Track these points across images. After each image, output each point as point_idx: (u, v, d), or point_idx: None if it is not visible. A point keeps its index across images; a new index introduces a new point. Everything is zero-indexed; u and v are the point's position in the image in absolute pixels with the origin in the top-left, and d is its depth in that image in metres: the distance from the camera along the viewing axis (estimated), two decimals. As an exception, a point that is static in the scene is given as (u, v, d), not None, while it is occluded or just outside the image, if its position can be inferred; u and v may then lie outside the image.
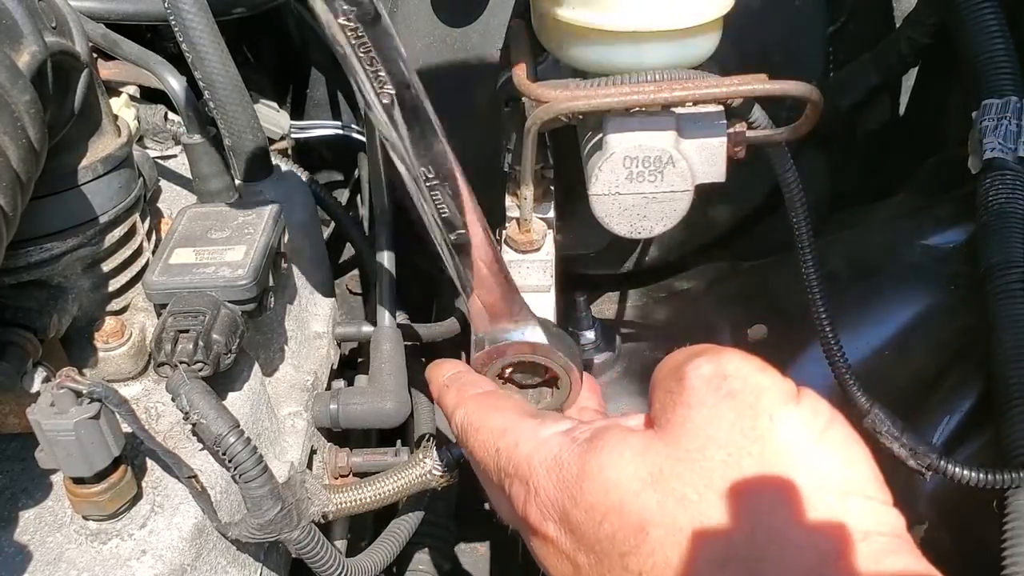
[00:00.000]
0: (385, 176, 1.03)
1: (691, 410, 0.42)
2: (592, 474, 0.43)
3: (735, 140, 0.73)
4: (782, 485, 0.39)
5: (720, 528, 0.39)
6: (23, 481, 0.64)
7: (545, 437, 0.46)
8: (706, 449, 0.41)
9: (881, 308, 0.97)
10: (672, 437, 0.42)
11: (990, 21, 0.89)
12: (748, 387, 0.42)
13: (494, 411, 0.51)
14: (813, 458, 0.40)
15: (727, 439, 0.40)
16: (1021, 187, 0.85)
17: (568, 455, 0.45)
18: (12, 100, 0.52)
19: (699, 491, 0.40)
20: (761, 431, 0.40)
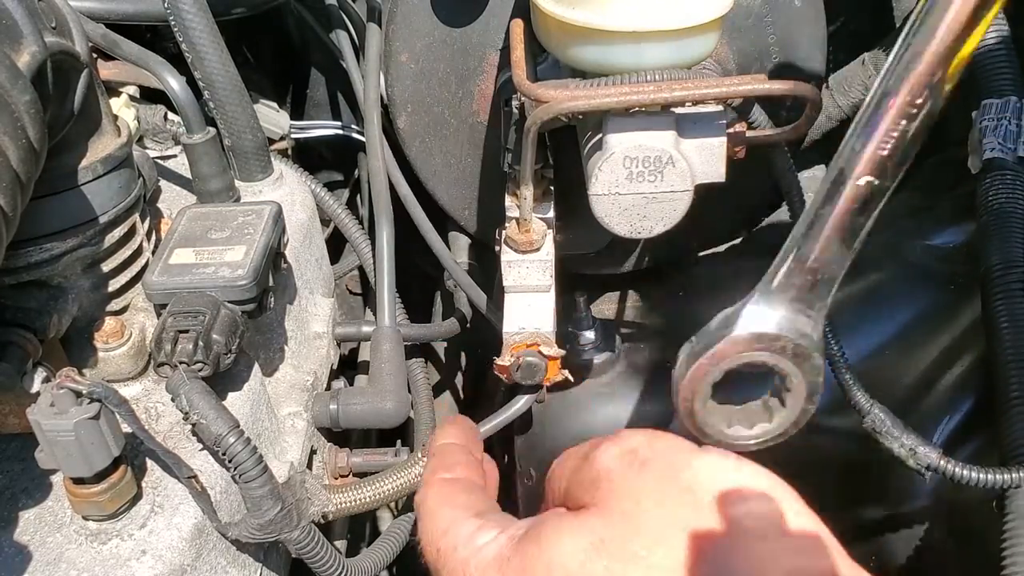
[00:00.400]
0: (385, 176, 1.03)
1: (614, 484, 0.43)
2: (533, 559, 0.42)
3: (735, 140, 0.73)
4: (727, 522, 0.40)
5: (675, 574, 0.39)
6: (23, 481, 0.64)
7: (482, 544, 0.46)
8: (641, 508, 0.41)
9: (881, 307, 0.97)
10: (605, 509, 0.43)
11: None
12: (657, 454, 0.43)
13: (445, 506, 0.51)
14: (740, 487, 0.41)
15: (659, 497, 0.41)
16: (1021, 187, 0.85)
17: (507, 551, 0.44)
18: (12, 100, 0.52)
19: (646, 546, 0.40)
20: (687, 482, 0.41)
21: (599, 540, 0.41)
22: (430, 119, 0.99)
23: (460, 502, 0.50)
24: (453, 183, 1.04)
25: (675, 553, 0.39)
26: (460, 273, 1.04)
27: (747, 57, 0.93)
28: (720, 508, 0.40)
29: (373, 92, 1.03)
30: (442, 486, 0.52)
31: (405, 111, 0.99)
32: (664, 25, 0.67)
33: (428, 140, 1.02)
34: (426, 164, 1.03)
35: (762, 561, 0.38)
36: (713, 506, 0.40)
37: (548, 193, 0.83)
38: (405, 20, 0.95)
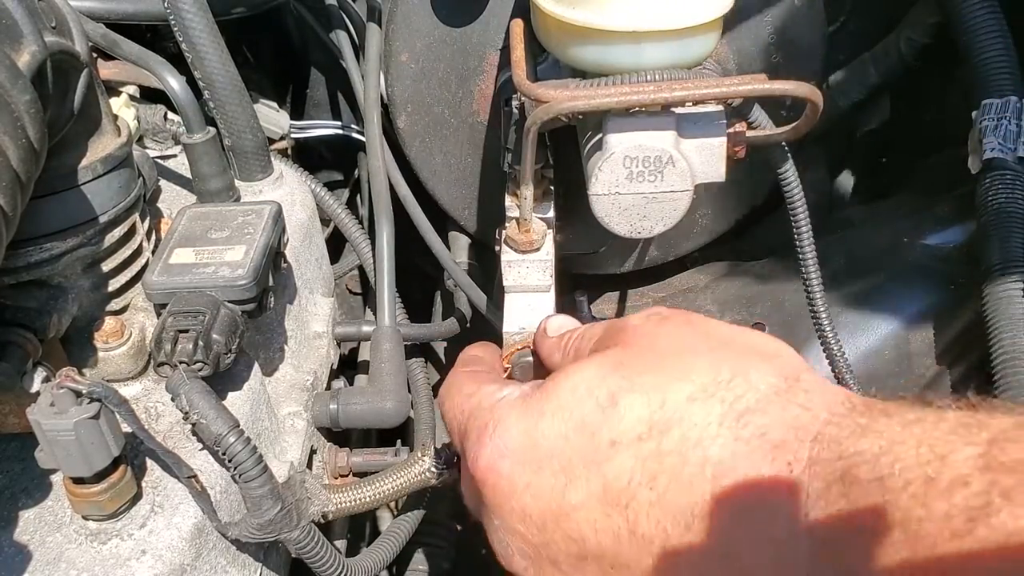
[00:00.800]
0: (385, 176, 1.03)
1: (638, 330, 0.49)
2: (555, 384, 0.47)
3: (735, 140, 0.73)
4: (730, 346, 0.46)
5: (686, 375, 0.44)
6: (23, 481, 0.64)
7: (506, 393, 0.51)
8: (654, 342, 0.47)
9: (881, 308, 0.97)
10: (624, 345, 0.48)
11: (989, 21, 0.89)
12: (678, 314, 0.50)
13: (470, 380, 0.55)
14: (743, 332, 0.48)
15: (676, 336, 0.47)
16: (1021, 187, 0.85)
17: (529, 392, 0.49)
18: (12, 100, 0.52)
19: (656, 363, 0.45)
20: (695, 325, 0.48)
21: (618, 362, 0.46)
22: (430, 119, 0.99)
23: (483, 378, 0.54)
24: (453, 183, 1.04)
25: (684, 361, 0.44)
26: (460, 273, 1.04)
27: (747, 57, 0.93)
28: (729, 342, 0.46)
29: (373, 92, 1.03)
30: (465, 372, 0.56)
31: (405, 111, 0.99)
32: (664, 25, 0.68)
33: (428, 140, 1.02)
34: (426, 164, 1.03)
35: (746, 361, 0.44)
36: (724, 341, 0.46)
37: (548, 193, 0.83)
38: (405, 20, 0.95)
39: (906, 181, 1.22)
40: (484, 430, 0.48)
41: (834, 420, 0.39)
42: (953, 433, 0.34)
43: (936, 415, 0.36)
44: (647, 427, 0.42)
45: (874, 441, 0.36)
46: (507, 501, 0.47)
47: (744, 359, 0.44)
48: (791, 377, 0.43)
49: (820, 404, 0.40)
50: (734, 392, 0.42)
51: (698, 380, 0.43)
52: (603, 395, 0.44)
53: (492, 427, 0.48)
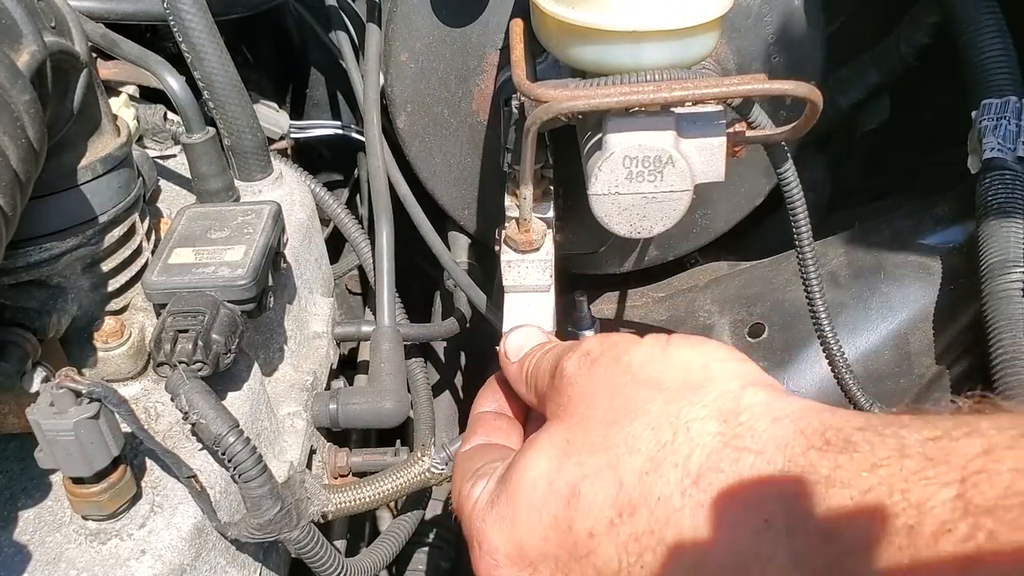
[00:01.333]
0: (385, 176, 1.03)
1: (572, 388, 0.49)
2: (516, 484, 0.48)
3: (735, 140, 0.73)
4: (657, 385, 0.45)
5: (632, 446, 0.43)
6: (22, 481, 0.64)
7: (476, 496, 0.51)
8: (592, 404, 0.47)
9: (881, 307, 0.97)
10: (565, 414, 0.48)
11: (989, 21, 0.89)
12: (604, 349, 0.49)
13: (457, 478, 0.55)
14: (669, 357, 0.47)
15: (603, 387, 0.47)
16: (1020, 187, 0.85)
17: (495, 490, 0.50)
18: (12, 100, 0.52)
19: (600, 433, 0.45)
20: (624, 365, 0.47)
21: (566, 442, 0.47)
22: (430, 119, 0.99)
23: (462, 470, 0.55)
24: (453, 183, 1.04)
25: (623, 428, 0.45)
26: (459, 273, 1.04)
27: (747, 57, 0.93)
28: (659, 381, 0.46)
29: (373, 92, 1.03)
30: (460, 462, 0.57)
31: (405, 111, 0.99)
32: (664, 25, 0.67)
33: (428, 140, 1.02)
34: (426, 164, 1.03)
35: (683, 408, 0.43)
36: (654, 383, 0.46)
37: (548, 193, 0.83)
38: (405, 20, 0.95)
39: (906, 181, 1.22)
40: (472, 547, 0.50)
41: (793, 469, 0.38)
42: (922, 474, 0.34)
43: (897, 448, 0.35)
44: (615, 512, 0.43)
45: (844, 493, 0.35)
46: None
47: (679, 404, 0.44)
48: (731, 414, 0.42)
49: (771, 446, 0.39)
50: (680, 453, 0.42)
51: (644, 449, 0.43)
52: (563, 488, 0.45)
53: (478, 543, 0.50)
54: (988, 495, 0.32)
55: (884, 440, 0.36)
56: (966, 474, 0.33)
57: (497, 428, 0.59)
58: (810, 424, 0.39)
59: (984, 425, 0.34)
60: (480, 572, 0.50)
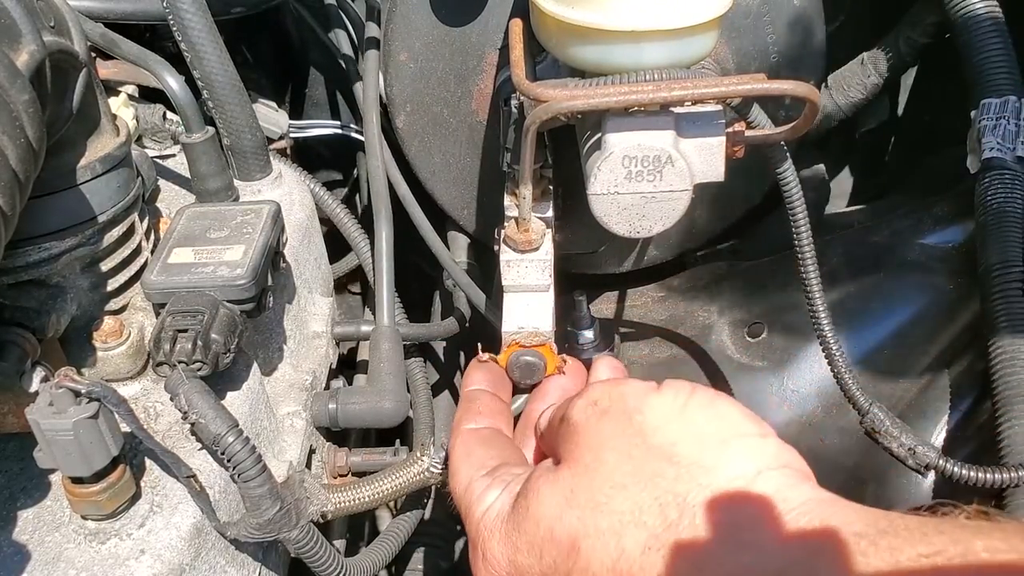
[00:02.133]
0: (384, 175, 1.03)
1: (581, 436, 0.49)
2: (524, 516, 0.49)
3: (734, 140, 0.73)
4: (670, 458, 0.45)
5: (637, 518, 0.44)
6: (22, 481, 0.64)
7: (489, 504, 0.53)
8: (600, 458, 0.47)
9: (880, 307, 0.97)
10: (573, 462, 0.49)
11: (988, 20, 0.89)
12: (614, 400, 0.49)
13: (465, 462, 0.57)
14: (686, 425, 0.46)
15: (613, 444, 0.47)
16: (1019, 187, 0.85)
17: (507, 509, 0.51)
18: (11, 99, 0.52)
19: (606, 493, 0.46)
20: (637, 426, 0.47)
21: (570, 491, 0.47)
22: (429, 118, 0.99)
23: (477, 457, 0.56)
24: (452, 182, 1.04)
25: (631, 495, 0.45)
26: (459, 272, 1.04)
27: (746, 56, 0.93)
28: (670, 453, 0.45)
29: (372, 91, 1.03)
30: (465, 438, 0.58)
31: (404, 110, 0.99)
32: (663, 24, 0.67)
33: (427, 139, 1.02)
34: (425, 163, 1.03)
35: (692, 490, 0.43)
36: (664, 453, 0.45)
37: (547, 192, 0.83)
38: (404, 19, 0.95)
39: (905, 181, 1.22)
40: (476, 552, 0.52)
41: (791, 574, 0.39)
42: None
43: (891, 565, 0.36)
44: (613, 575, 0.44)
45: None
46: None
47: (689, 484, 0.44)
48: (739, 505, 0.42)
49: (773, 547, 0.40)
50: (685, 537, 0.42)
51: (650, 523, 0.43)
52: (563, 537, 0.46)
53: (482, 552, 0.51)
54: None
55: (879, 553, 0.37)
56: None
57: (498, 412, 0.60)
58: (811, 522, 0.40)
59: (978, 546, 0.35)
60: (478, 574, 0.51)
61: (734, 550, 0.41)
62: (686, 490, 0.44)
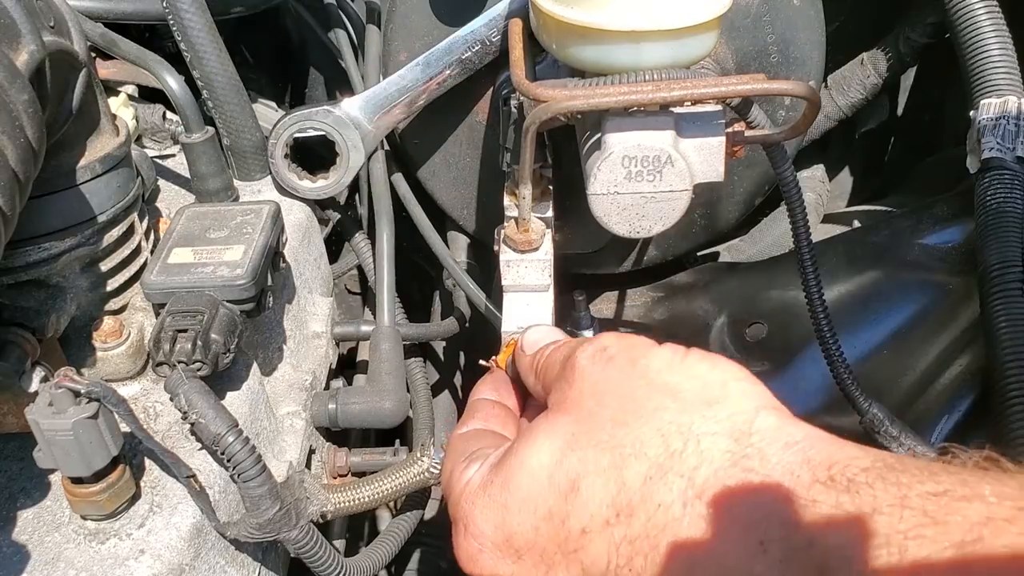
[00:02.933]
0: (385, 176, 1.03)
1: (584, 382, 0.48)
2: (513, 471, 0.47)
3: (733, 140, 0.73)
4: (673, 395, 0.45)
5: (638, 450, 0.43)
6: (21, 481, 0.64)
7: (468, 478, 0.51)
8: (603, 402, 0.47)
9: (879, 307, 0.97)
10: (572, 407, 0.48)
11: (988, 21, 0.89)
12: (622, 348, 0.49)
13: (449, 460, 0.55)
14: (687, 369, 0.47)
15: (616, 387, 0.47)
16: (1019, 187, 0.85)
17: (488, 474, 0.49)
18: (10, 99, 0.52)
19: (608, 432, 0.45)
20: (640, 369, 0.47)
21: (571, 436, 0.46)
22: (429, 118, 0.99)
23: (458, 451, 0.55)
24: (452, 182, 1.04)
25: (633, 430, 0.44)
26: (459, 272, 1.04)
27: (746, 56, 0.93)
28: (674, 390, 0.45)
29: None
30: (455, 443, 0.57)
31: (404, 110, 0.99)
32: (663, 24, 0.67)
33: (427, 140, 1.02)
34: (425, 164, 1.03)
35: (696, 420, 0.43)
36: (669, 390, 0.45)
37: (547, 192, 0.83)
38: (403, 19, 0.95)
39: (905, 181, 1.22)
40: (458, 528, 0.50)
41: (797, 499, 0.38)
42: (920, 531, 0.34)
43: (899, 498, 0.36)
44: (613, 512, 0.43)
45: (842, 535, 0.36)
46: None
47: (692, 416, 0.44)
48: (743, 435, 0.42)
49: (779, 471, 0.40)
50: (688, 464, 0.42)
51: (651, 454, 0.43)
52: (563, 481, 0.45)
53: (464, 526, 0.49)
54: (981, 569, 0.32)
55: (886, 487, 0.36)
56: (963, 540, 0.33)
57: (495, 416, 0.59)
58: (818, 455, 0.40)
59: (985, 489, 0.35)
60: (462, 555, 0.49)
61: (740, 477, 0.40)
62: (689, 421, 0.44)
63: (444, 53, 0.89)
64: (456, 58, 0.89)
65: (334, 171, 0.93)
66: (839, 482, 0.38)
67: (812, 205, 1.16)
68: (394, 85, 0.91)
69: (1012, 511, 0.33)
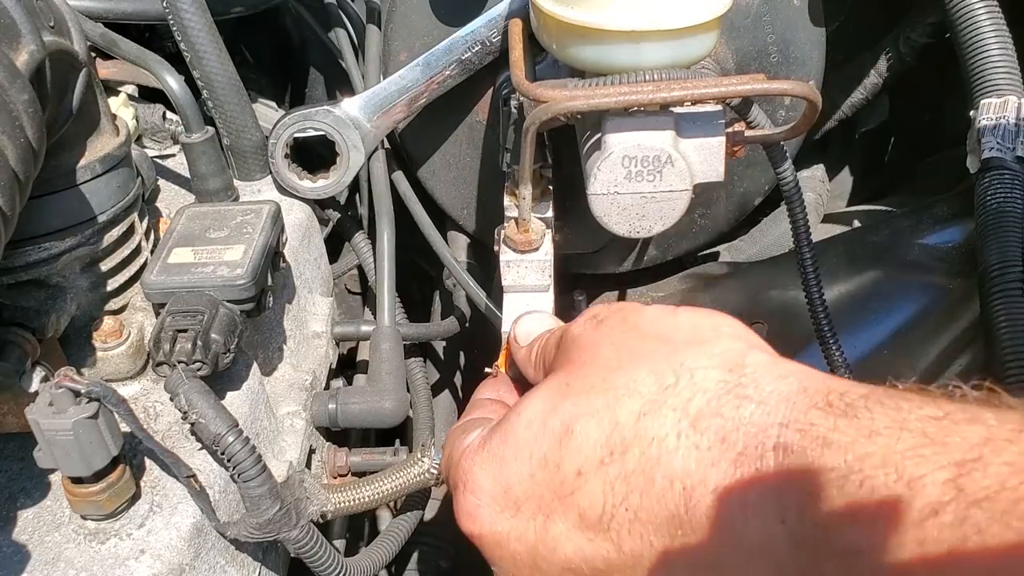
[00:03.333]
0: (386, 175, 1.03)
1: (577, 344, 0.49)
2: (512, 424, 0.47)
3: (733, 140, 0.73)
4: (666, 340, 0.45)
5: (632, 389, 0.43)
6: (22, 481, 0.64)
7: (467, 442, 0.51)
8: (596, 354, 0.47)
9: (879, 307, 0.97)
10: (569, 365, 0.48)
11: (988, 21, 0.89)
12: (612, 312, 0.49)
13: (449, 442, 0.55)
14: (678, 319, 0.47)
15: (610, 340, 0.47)
16: (1019, 186, 0.85)
17: (487, 435, 0.50)
18: (10, 99, 0.52)
19: (602, 376, 0.45)
20: (632, 323, 0.48)
21: (564, 385, 0.46)
22: (429, 118, 0.99)
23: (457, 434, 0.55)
24: (452, 182, 1.04)
25: (626, 372, 0.44)
26: (459, 272, 1.04)
27: (746, 56, 0.93)
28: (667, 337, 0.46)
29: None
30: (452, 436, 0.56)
31: (404, 110, 0.99)
32: (663, 24, 0.67)
33: (427, 140, 1.02)
34: (425, 163, 1.03)
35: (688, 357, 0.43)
36: (662, 337, 0.46)
37: (547, 192, 0.83)
38: (404, 19, 0.95)
39: (905, 181, 1.22)
40: (457, 488, 0.50)
41: (793, 423, 0.38)
42: (919, 451, 0.34)
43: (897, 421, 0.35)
44: (607, 451, 0.43)
45: (839, 456, 0.35)
46: (496, 550, 0.48)
47: (684, 354, 0.44)
48: (736, 366, 0.42)
49: (774, 398, 0.39)
50: (681, 397, 0.42)
51: (645, 391, 0.43)
52: (557, 426, 0.45)
53: (463, 483, 0.49)
54: (981, 485, 0.31)
55: (885, 411, 0.36)
56: (963, 459, 0.32)
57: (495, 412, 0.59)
58: (814, 384, 0.39)
59: (987, 415, 0.34)
60: (461, 512, 0.49)
61: (734, 404, 0.40)
62: (681, 359, 0.43)
63: (444, 53, 0.89)
64: (456, 58, 0.89)
65: (334, 171, 0.93)
66: (836, 407, 0.37)
67: (812, 205, 1.16)
68: (394, 85, 0.91)
69: (1013, 433, 0.33)
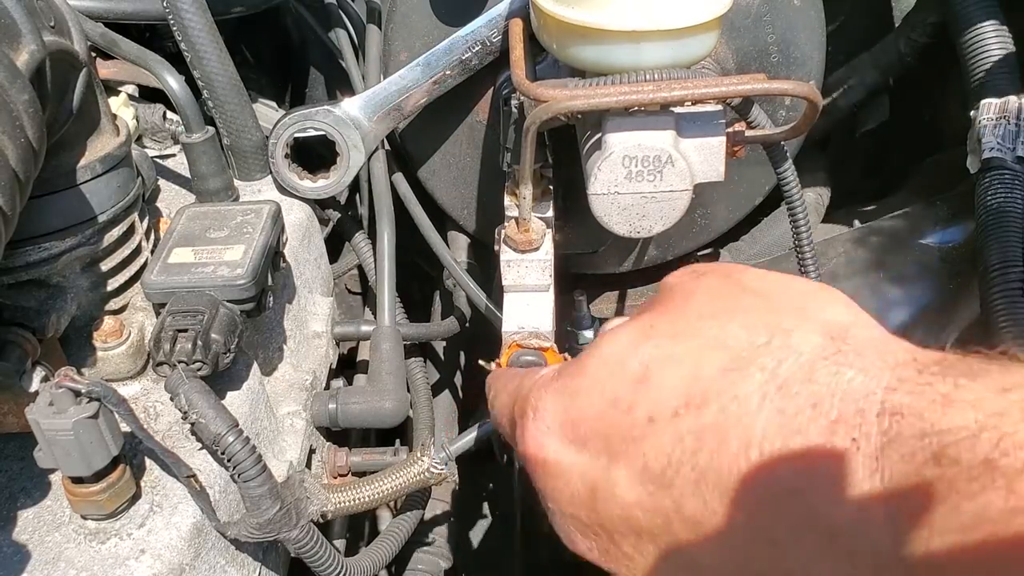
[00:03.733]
0: (386, 175, 1.03)
1: (674, 289, 0.46)
2: (588, 360, 0.45)
3: (734, 139, 0.73)
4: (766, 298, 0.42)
5: (721, 342, 0.40)
6: (22, 480, 0.64)
7: (542, 373, 0.49)
8: (690, 299, 0.44)
9: (881, 307, 0.97)
10: (659, 306, 0.46)
11: (989, 21, 0.89)
12: (713, 268, 0.47)
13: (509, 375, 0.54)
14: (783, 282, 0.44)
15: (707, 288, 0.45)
16: (1019, 186, 0.85)
17: (562, 367, 0.48)
18: (11, 99, 0.52)
19: (691, 323, 0.42)
20: (733, 279, 0.45)
21: (649, 327, 0.44)
22: (429, 118, 0.99)
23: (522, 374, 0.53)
24: (452, 182, 1.04)
25: (718, 323, 0.41)
26: (459, 272, 1.04)
27: (746, 56, 0.93)
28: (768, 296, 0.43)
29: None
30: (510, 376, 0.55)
31: (404, 110, 0.99)
32: (663, 24, 0.67)
33: (427, 139, 1.02)
34: (425, 163, 1.03)
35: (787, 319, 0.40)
36: (762, 295, 0.43)
37: (547, 192, 0.83)
38: (404, 19, 0.95)
39: (906, 181, 1.22)
40: (525, 415, 0.47)
41: (904, 386, 0.33)
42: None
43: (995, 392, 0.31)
44: (683, 401, 0.39)
45: (967, 414, 0.30)
46: (555, 482, 0.45)
47: (783, 316, 0.40)
48: (838, 335, 0.38)
49: (879, 365, 0.35)
50: (774, 357, 0.38)
51: (734, 346, 0.39)
52: (635, 367, 0.42)
53: (532, 412, 0.46)
54: None
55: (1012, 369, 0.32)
56: None
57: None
58: (925, 354, 0.35)
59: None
60: (527, 438, 0.46)
61: (832, 371, 0.36)
62: (780, 319, 0.40)
63: (444, 53, 0.89)
64: (456, 58, 0.89)
65: (334, 171, 0.93)
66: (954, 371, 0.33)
67: (812, 205, 1.16)
68: (394, 85, 0.91)
69: None
